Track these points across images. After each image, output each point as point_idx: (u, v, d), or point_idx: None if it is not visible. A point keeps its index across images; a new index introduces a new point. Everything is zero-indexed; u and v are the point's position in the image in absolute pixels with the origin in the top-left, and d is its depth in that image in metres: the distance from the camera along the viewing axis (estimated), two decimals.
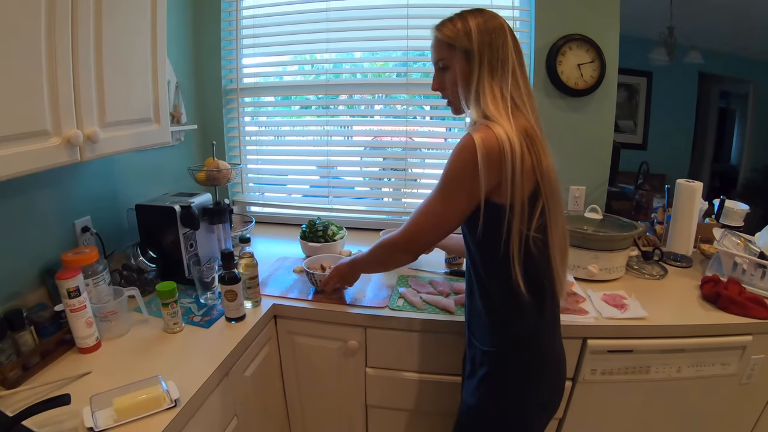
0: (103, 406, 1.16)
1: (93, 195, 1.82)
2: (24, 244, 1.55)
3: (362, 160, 2.52)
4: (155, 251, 1.82)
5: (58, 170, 1.19)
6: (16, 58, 1.05)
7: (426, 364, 1.66)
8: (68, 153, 1.23)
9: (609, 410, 1.67)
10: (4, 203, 1.47)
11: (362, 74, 2.47)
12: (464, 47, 1.23)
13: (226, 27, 2.44)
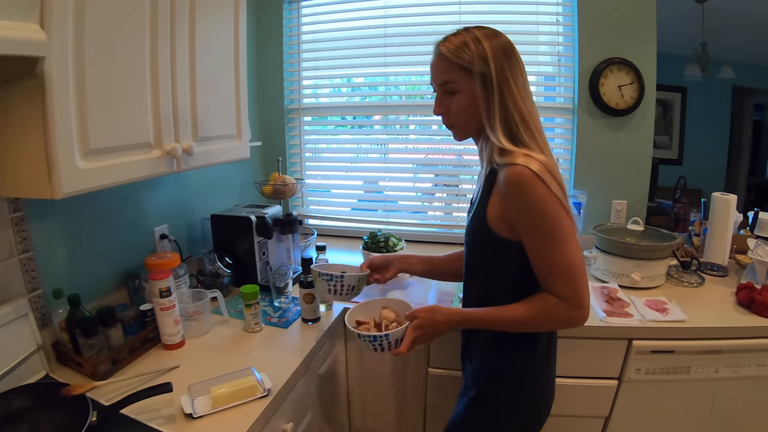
0: (199, 394, 1.33)
1: (170, 205, 2.08)
2: (109, 248, 1.79)
3: (415, 177, 2.76)
4: (230, 258, 2.07)
5: (141, 181, 1.42)
6: (126, 80, 1.30)
7: None
8: (167, 164, 1.47)
9: (652, 409, 1.83)
10: (94, 209, 1.72)
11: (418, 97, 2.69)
12: (481, 71, 1.22)
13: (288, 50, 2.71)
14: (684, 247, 2.30)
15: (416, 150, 2.79)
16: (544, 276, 1.23)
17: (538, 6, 2.41)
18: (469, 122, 1.31)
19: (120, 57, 1.27)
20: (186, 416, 1.25)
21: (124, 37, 1.28)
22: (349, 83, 2.85)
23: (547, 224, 1.17)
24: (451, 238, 2.66)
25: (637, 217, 2.21)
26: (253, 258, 2.07)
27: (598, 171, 2.43)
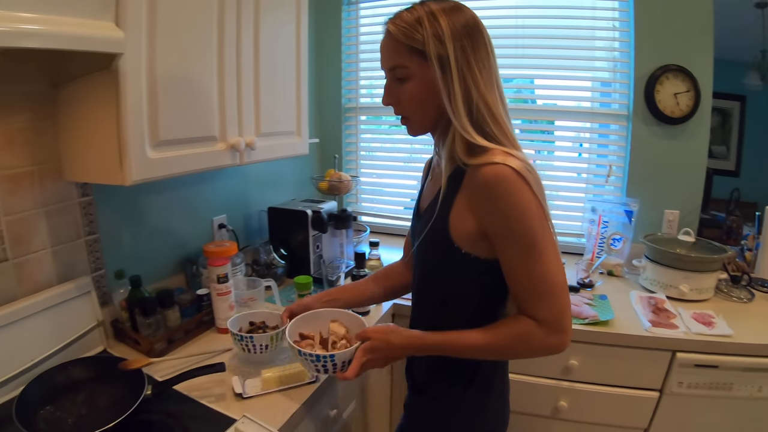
0: (250, 376, 1.41)
1: (229, 196, 2.20)
2: (170, 234, 1.93)
3: None
4: (285, 249, 2.16)
5: (201, 173, 1.52)
6: (195, 76, 1.40)
7: (528, 367, 1.89)
8: (231, 157, 1.58)
9: (692, 424, 1.81)
10: (159, 197, 1.86)
11: None
12: (437, 54, 1.05)
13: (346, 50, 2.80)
14: (735, 261, 2.27)
15: None
16: (523, 296, 1.07)
17: (595, 11, 2.42)
18: (424, 114, 1.15)
19: (188, 54, 1.37)
20: (236, 396, 1.34)
21: (193, 36, 1.38)
22: None
23: (529, 235, 1.02)
24: None
25: (689, 228, 2.20)
26: (307, 251, 2.17)
27: (651, 179, 2.42)
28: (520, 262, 1.04)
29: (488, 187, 1.01)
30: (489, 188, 1.01)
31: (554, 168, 2.63)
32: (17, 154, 1.40)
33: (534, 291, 1.04)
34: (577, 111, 2.53)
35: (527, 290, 1.05)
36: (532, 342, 1.06)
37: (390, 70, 1.14)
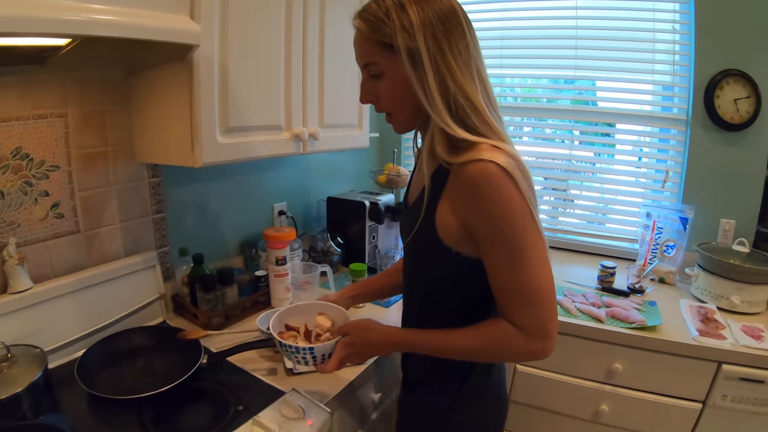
0: None
1: (290, 184, 2.33)
2: (232, 218, 2.08)
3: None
4: (341, 238, 2.27)
5: (265, 160, 1.62)
6: (263, 67, 1.51)
7: (572, 368, 1.92)
8: (294, 146, 1.69)
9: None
10: (224, 182, 2.00)
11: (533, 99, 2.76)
12: (407, 47, 1.00)
13: None
14: None
15: (528, 153, 2.83)
16: (504, 299, 1.03)
17: (654, 13, 2.41)
18: (404, 111, 1.11)
19: (257, 47, 1.49)
20: (287, 371, 1.44)
21: (261, 29, 1.49)
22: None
23: (514, 236, 0.97)
24: (556, 242, 2.71)
25: (745, 238, 2.17)
26: (363, 240, 2.27)
27: (708, 187, 2.40)
28: (504, 264, 1.00)
29: (472, 186, 0.97)
30: (473, 187, 0.97)
31: (612, 171, 2.63)
32: (93, 135, 1.55)
33: (518, 295, 1.00)
34: (635, 114, 2.52)
35: (510, 294, 1.01)
36: (511, 347, 1.03)
37: (363, 67, 1.11)
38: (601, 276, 2.17)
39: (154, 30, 1.12)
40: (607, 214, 2.64)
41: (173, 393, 1.27)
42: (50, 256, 1.51)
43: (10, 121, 1.38)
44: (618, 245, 2.57)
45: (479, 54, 1.06)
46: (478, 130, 1.00)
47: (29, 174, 1.44)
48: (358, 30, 1.08)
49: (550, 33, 2.58)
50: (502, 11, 2.66)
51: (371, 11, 1.04)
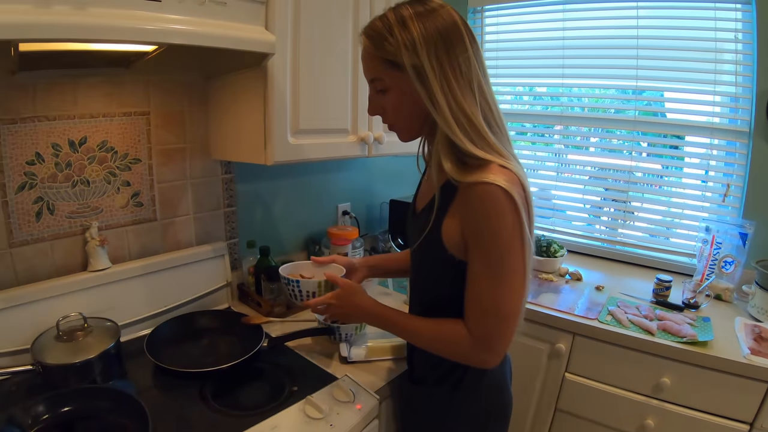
0: (357, 344, 1.64)
1: (354, 186, 2.51)
2: (298, 215, 2.27)
3: (585, 189, 2.85)
4: (402, 240, 2.38)
5: (334, 162, 1.81)
6: (331, 74, 1.68)
7: (620, 380, 1.94)
8: (360, 149, 1.86)
9: None
10: (292, 181, 2.21)
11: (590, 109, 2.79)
12: (411, 64, 1.06)
13: None
14: None
15: (590, 163, 2.87)
16: (468, 306, 1.13)
17: (716, 22, 2.39)
18: (409, 123, 1.19)
19: (326, 54, 1.66)
20: (341, 359, 1.59)
21: (330, 38, 1.67)
22: (531, 92, 3.02)
23: (496, 255, 1.06)
24: (614, 254, 2.73)
25: None
26: None
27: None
28: (478, 276, 1.09)
29: (476, 205, 1.04)
30: (476, 206, 1.04)
31: (672, 184, 2.64)
32: (172, 133, 1.77)
33: (480, 307, 1.10)
34: (699, 126, 2.52)
35: (475, 303, 1.11)
36: (458, 349, 1.15)
37: (370, 82, 1.18)
38: (656, 289, 2.20)
39: (236, 40, 1.30)
40: (665, 227, 2.65)
41: (234, 371, 1.45)
42: (128, 240, 1.74)
43: (98, 117, 1.60)
44: (675, 259, 2.57)
45: (482, 67, 1.11)
46: (480, 147, 1.06)
47: (113, 165, 1.66)
48: (363, 46, 1.15)
49: (610, 43, 2.61)
50: (563, 21, 2.71)
51: (375, 28, 1.11)
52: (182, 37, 1.20)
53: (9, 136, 1.45)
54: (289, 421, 1.27)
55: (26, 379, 1.38)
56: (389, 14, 1.10)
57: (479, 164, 1.06)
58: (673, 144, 2.61)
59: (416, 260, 1.33)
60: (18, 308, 1.45)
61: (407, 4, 1.10)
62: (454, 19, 1.08)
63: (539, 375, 2.15)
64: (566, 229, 2.91)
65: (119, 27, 1.09)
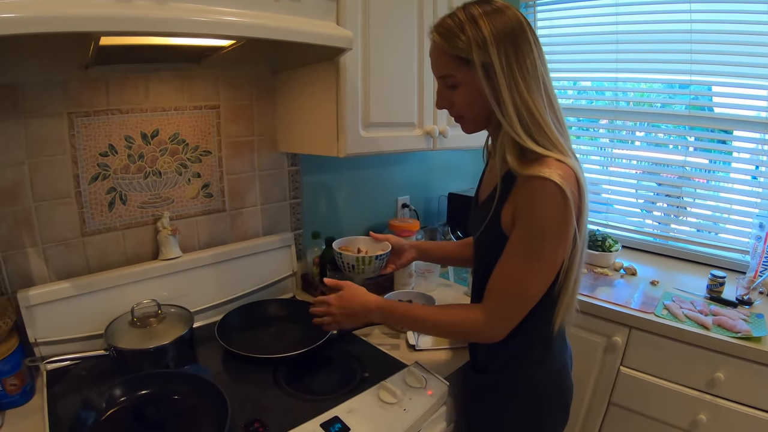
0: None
1: (414, 180, 2.60)
2: (361, 207, 2.37)
3: (639, 183, 2.87)
4: (461, 232, 2.44)
5: (392, 156, 1.86)
6: (398, 70, 1.75)
7: (674, 374, 1.97)
8: (425, 142, 1.92)
9: None
10: (354, 174, 2.30)
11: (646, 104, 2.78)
12: (482, 61, 1.11)
13: None
14: None
15: (641, 157, 2.87)
16: (493, 278, 1.21)
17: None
18: (476, 115, 1.24)
19: (393, 51, 1.72)
20: (409, 347, 1.66)
21: (397, 34, 1.73)
22: (576, 86, 3.05)
23: (533, 240, 1.14)
24: (666, 250, 2.74)
25: None
26: None
27: None
28: (513, 256, 1.17)
29: (530, 196, 1.11)
30: (530, 196, 1.11)
31: (726, 179, 2.63)
32: (241, 126, 1.85)
33: (505, 282, 1.19)
34: (750, 121, 2.49)
35: (501, 277, 1.19)
36: (469, 326, 1.24)
37: (440, 78, 1.23)
38: (710, 285, 2.22)
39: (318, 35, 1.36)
40: (719, 223, 2.65)
41: (305, 357, 1.52)
42: (198, 230, 1.83)
43: (169, 110, 1.68)
44: (728, 256, 2.57)
45: (545, 66, 1.18)
46: (541, 143, 1.12)
47: (184, 157, 1.74)
48: (433, 43, 1.20)
49: (663, 37, 2.60)
50: (616, 15, 2.71)
51: (446, 26, 1.16)
52: (267, 32, 1.26)
53: (83, 129, 1.54)
54: (364, 405, 1.33)
55: (96, 364, 1.47)
56: (459, 13, 1.15)
57: (538, 158, 1.12)
58: (721, 139, 2.60)
59: (479, 248, 1.39)
60: (89, 295, 1.55)
61: (475, 3, 1.15)
62: (520, 20, 1.14)
63: (594, 368, 2.18)
64: (619, 224, 2.92)
65: (204, 21, 1.15)
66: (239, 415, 1.26)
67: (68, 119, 1.51)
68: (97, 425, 1.20)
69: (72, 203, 1.56)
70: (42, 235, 1.52)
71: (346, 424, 1.24)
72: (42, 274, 1.53)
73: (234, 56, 1.58)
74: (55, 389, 1.38)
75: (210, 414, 1.24)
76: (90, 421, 1.20)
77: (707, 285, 2.23)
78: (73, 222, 1.57)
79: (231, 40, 1.36)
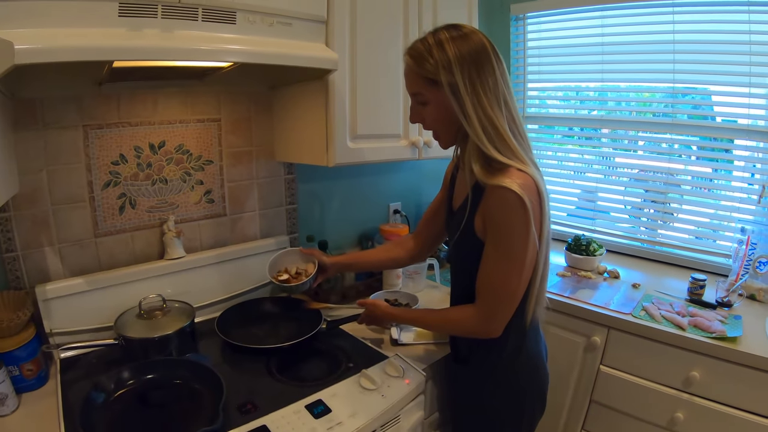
0: (407, 329, 1.88)
1: (404, 187, 2.79)
2: (353, 213, 2.57)
3: (625, 190, 2.93)
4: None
5: (385, 165, 2.04)
6: (384, 86, 1.91)
7: (652, 372, 2.05)
8: (411, 152, 2.10)
9: None
10: (347, 182, 2.50)
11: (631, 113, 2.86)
12: (447, 81, 1.28)
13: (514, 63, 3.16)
14: None
15: (628, 165, 2.95)
16: (479, 281, 1.38)
17: (749, 15, 2.36)
18: (446, 131, 1.41)
19: (379, 68, 1.91)
20: (392, 341, 1.83)
21: (383, 53, 1.92)
22: (578, 96, 3.13)
23: (506, 245, 1.31)
24: (654, 255, 2.80)
25: None
26: None
27: None
28: (492, 259, 1.34)
29: (494, 204, 1.28)
30: (495, 205, 1.28)
31: (708, 185, 2.70)
32: (240, 137, 2.06)
33: (488, 283, 1.36)
34: (730, 128, 2.56)
35: (485, 279, 1.36)
36: (465, 323, 1.44)
37: (412, 95, 1.41)
38: (690, 288, 2.29)
39: (305, 58, 1.57)
40: (702, 227, 2.71)
41: (296, 348, 1.71)
42: (200, 233, 2.03)
43: (175, 123, 1.89)
44: (713, 260, 2.63)
45: (507, 83, 1.34)
46: (504, 153, 1.29)
47: (188, 166, 1.94)
48: (406, 64, 1.38)
49: (647, 48, 2.67)
50: (602, 27, 2.80)
51: (417, 49, 1.34)
52: (258, 57, 1.46)
53: (96, 140, 1.73)
54: (346, 391, 1.51)
55: (105, 353, 1.66)
56: (429, 37, 1.33)
57: (501, 168, 1.29)
58: (702, 146, 2.65)
59: (456, 252, 1.55)
60: (101, 290, 1.75)
61: (444, 29, 1.32)
62: (483, 43, 1.30)
63: (575, 367, 2.28)
64: (609, 229, 3.02)
65: (203, 50, 1.37)
66: (234, 398, 1.43)
67: (83, 131, 1.70)
68: (106, 404, 1.38)
69: (86, 207, 1.75)
70: (58, 235, 1.71)
71: (328, 406, 1.42)
72: (57, 270, 1.73)
73: (233, 75, 1.75)
74: (68, 375, 1.57)
75: (208, 396, 1.42)
76: (100, 400, 1.38)
77: (688, 288, 2.31)
78: (87, 224, 1.77)
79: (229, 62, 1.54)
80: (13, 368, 1.47)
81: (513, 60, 3.18)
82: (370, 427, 1.42)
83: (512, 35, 3.15)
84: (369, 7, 1.83)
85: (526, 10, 3.06)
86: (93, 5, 1.19)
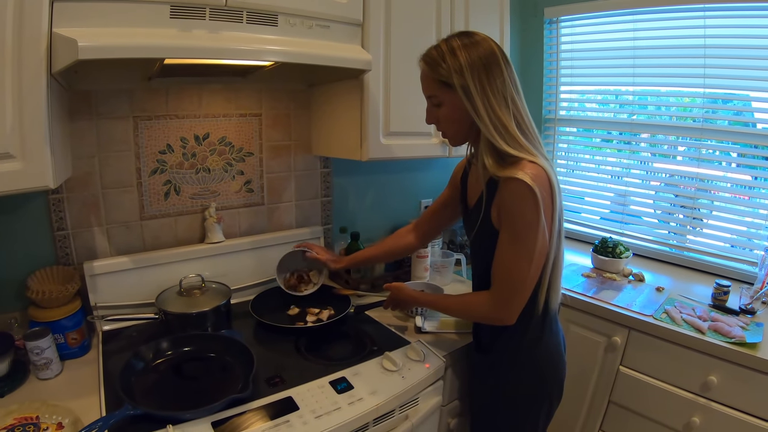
0: (431, 318, 1.99)
1: (434, 184, 2.90)
2: (385, 207, 2.71)
3: (656, 194, 2.95)
4: None
5: (416, 162, 2.15)
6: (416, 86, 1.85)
7: (670, 375, 2.06)
8: (441, 150, 2.21)
9: None
10: (381, 177, 2.66)
11: (667, 117, 2.83)
12: (460, 84, 1.39)
13: (548, 65, 3.23)
14: None
15: (667, 170, 2.91)
16: (494, 268, 1.46)
17: None
18: (458, 130, 1.51)
19: (412, 68, 1.92)
20: (416, 329, 1.93)
21: (416, 55, 1.95)
22: (617, 100, 3.10)
23: (519, 234, 1.38)
24: (681, 260, 2.82)
25: None
26: None
27: None
28: (504, 247, 1.42)
29: (507, 195, 1.37)
30: (507, 196, 1.37)
31: (741, 192, 2.65)
32: (280, 132, 2.20)
33: (503, 269, 1.44)
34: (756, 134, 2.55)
35: (499, 266, 1.44)
36: (480, 309, 1.52)
37: (427, 97, 1.53)
38: (714, 293, 2.29)
39: (341, 59, 1.69)
40: (732, 234, 2.69)
41: (324, 330, 1.86)
42: (239, 220, 2.18)
43: (218, 117, 2.03)
44: (738, 267, 2.62)
45: (515, 84, 1.44)
46: (513, 146, 1.39)
47: (230, 157, 2.08)
48: (422, 70, 1.51)
49: (678, 52, 2.69)
50: (634, 31, 2.83)
51: (431, 55, 1.46)
52: (297, 57, 1.58)
53: (145, 130, 1.89)
54: (369, 371, 1.62)
55: (145, 328, 1.82)
56: (442, 45, 1.45)
57: (513, 161, 1.39)
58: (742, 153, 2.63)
59: (476, 246, 1.65)
60: (144, 269, 1.90)
61: (456, 36, 1.45)
62: (492, 49, 1.42)
63: (596, 367, 2.31)
64: (639, 234, 3.03)
65: (247, 50, 1.50)
66: (263, 371, 1.55)
67: (133, 122, 1.86)
68: (144, 371, 1.52)
69: (133, 192, 1.91)
70: (107, 217, 1.87)
71: (351, 383, 1.54)
72: (104, 249, 1.89)
73: (274, 73, 1.89)
74: (109, 346, 1.73)
75: (239, 369, 1.54)
76: (139, 367, 1.52)
77: (712, 293, 2.30)
78: (134, 207, 1.92)
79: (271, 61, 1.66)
80: (59, 336, 1.62)
81: (546, 63, 3.25)
82: (389, 405, 1.53)
83: (545, 38, 3.22)
84: (403, 11, 1.94)
85: (560, 13, 3.12)
86: (147, 7, 1.33)
